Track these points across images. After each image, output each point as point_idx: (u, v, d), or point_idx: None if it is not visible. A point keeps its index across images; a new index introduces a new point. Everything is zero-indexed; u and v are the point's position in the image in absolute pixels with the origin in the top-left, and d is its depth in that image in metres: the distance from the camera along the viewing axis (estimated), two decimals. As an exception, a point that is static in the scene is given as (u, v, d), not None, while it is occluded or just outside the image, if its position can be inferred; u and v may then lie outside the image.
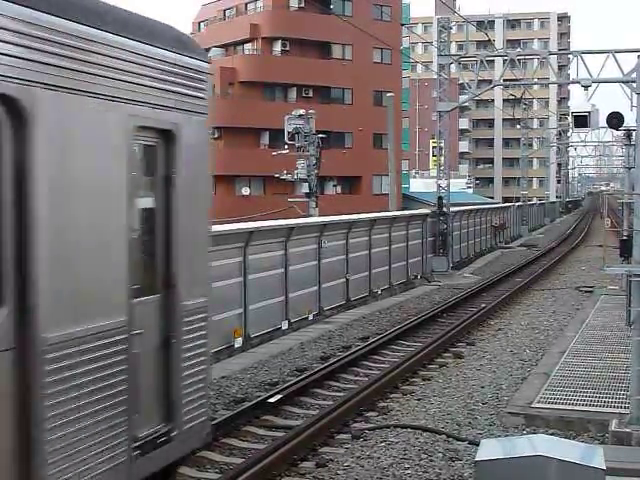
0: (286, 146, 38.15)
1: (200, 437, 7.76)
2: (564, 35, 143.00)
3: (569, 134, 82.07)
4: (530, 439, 6.69)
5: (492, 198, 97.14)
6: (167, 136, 7.07)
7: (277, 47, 63.46)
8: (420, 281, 30.87)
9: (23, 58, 5.15)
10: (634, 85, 29.52)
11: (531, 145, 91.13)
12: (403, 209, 42.34)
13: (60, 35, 5.50)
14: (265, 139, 60.52)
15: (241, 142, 59.40)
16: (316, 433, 11.07)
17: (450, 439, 11.20)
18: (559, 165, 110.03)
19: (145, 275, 7.00)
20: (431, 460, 10.41)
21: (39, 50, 5.28)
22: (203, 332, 7.57)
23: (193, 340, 7.41)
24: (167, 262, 7.14)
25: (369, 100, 63.57)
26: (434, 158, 49.81)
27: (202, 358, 7.59)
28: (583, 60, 31.44)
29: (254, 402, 12.50)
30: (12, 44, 5.06)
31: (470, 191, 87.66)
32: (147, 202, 7.04)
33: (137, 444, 6.63)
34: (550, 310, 23.15)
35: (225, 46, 66.05)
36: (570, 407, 12.16)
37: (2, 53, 5.01)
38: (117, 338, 6.25)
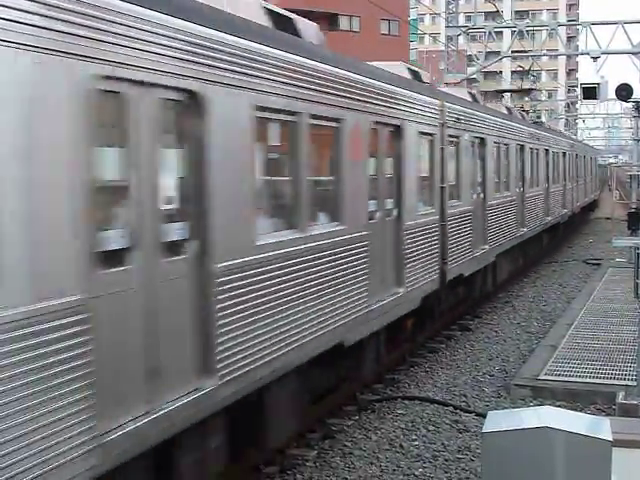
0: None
1: None
2: (573, 6, 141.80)
3: (578, 106, 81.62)
4: (537, 411, 6.69)
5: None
6: None
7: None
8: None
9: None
10: (643, 56, 29.40)
11: (539, 117, 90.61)
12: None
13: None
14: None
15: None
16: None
17: (457, 411, 11.26)
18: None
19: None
20: (438, 432, 10.48)
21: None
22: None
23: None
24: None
25: (377, 72, 63.20)
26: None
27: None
28: (592, 31, 31.22)
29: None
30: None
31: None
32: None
33: None
34: (557, 282, 23.15)
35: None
36: (577, 379, 12.22)
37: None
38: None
